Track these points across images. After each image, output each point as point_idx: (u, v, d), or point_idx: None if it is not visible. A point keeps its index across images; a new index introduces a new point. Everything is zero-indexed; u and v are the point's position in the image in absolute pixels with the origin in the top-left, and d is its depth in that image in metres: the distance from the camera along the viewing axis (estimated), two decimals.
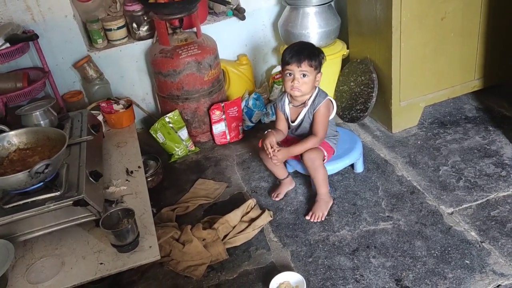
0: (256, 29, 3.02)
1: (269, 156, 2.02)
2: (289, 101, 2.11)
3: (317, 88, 2.05)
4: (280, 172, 2.23)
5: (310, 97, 2.04)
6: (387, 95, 2.50)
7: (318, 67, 1.99)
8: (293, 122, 2.13)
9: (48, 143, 1.82)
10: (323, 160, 2.07)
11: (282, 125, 2.16)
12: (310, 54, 1.96)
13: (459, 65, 2.53)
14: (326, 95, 2.06)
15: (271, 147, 2.00)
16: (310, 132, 2.08)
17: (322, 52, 2.03)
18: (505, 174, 2.12)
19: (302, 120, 2.09)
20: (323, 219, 2.04)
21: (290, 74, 1.98)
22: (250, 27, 2.99)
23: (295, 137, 2.16)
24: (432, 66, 2.47)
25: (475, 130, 2.47)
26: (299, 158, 2.08)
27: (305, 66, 1.94)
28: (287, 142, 2.17)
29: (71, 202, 1.64)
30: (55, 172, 1.71)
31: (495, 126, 2.47)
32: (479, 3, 2.38)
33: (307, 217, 2.06)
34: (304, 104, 2.06)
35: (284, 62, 1.99)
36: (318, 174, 2.05)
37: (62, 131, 1.84)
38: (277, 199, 2.21)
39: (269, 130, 2.11)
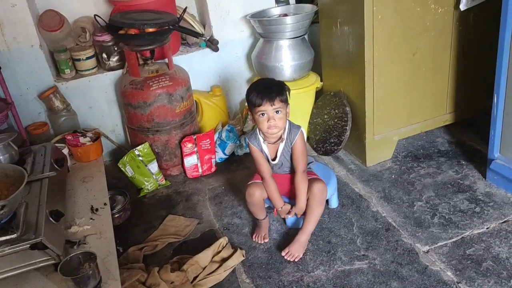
0: (229, 60, 3.00)
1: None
2: (263, 139, 2.03)
3: (287, 121, 2.01)
4: (262, 212, 2.12)
5: (284, 130, 2.00)
6: (361, 129, 2.48)
7: (287, 100, 1.95)
8: (273, 160, 2.05)
9: (6, 180, 1.70)
10: None
11: (266, 168, 2.03)
12: (279, 90, 1.91)
13: (431, 100, 2.55)
14: (298, 126, 2.03)
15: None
16: (291, 165, 2.05)
17: (285, 84, 1.99)
18: (479, 210, 2.11)
19: (282, 156, 2.03)
20: (297, 260, 1.97)
21: (263, 114, 1.90)
22: (223, 59, 2.96)
23: (278, 173, 2.10)
24: (404, 100, 2.48)
25: (448, 164, 2.47)
26: (290, 195, 2.07)
27: (277, 103, 1.88)
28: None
29: (29, 245, 1.53)
30: (12, 212, 1.60)
31: (467, 160, 2.48)
32: (449, 40, 2.42)
33: (283, 253, 1.99)
34: (280, 139, 2.00)
35: (254, 104, 1.90)
36: (320, 208, 2.00)
37: (21, 167, 1.73)
38: (265, 240, 2.10)
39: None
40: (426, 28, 2.33)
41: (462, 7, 2.29)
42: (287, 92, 1.96)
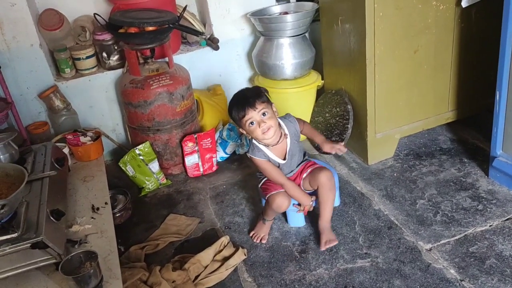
0: (230, 59, 2.99)
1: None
2: (265, 146, 1.97)
3: (278, 118, 1.99)
4: (274, 215, 2.11)
5: (281, 127, 1.98)
6: (363, 127, 2.47)
7: (269, 100, 1.93)
8: (284, 159, 2.02)
9: (6, 179, 1.69)
10: None
11: (279, 172, 2.00)
12: (255, 94, 1.89)
13: (433, 97, 2.54)
14: (287, 115, 2.06)
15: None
16: (300, 157, 2.10)
17: (260, 87, 1.96)
18: (481, 208, 2.10)
19: (291, 151, 2.02)
20: (336, 242, 1.99)
21: (252, 123, 1.87)
22: (224, 57, 2.95)
23: (294, 172, 2.09)
24: (406, 98, 2.47)
25: (450, 162, 2.46)
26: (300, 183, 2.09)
27: (259, 106, 1.86)
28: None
29: (29, 244, 1.52)
30: (13, 211, 1.59)
31: (469, 158, 2.47)
32: (451, 37, 2.41)
33: (323, 247, 1.97)
34: (283, 136, 1.99)
35: (240, 118, 1.88)
36: (332, 194, 2.01)
37: (21, 167, 1.72)
38: (263, 241, 2.08)
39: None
40: (428, 25, 2.32)
41: (464, 4, 2.28)
42: (265, 93, 1.93)
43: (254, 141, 1.97)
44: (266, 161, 1.98)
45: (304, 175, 2.08)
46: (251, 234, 2.12)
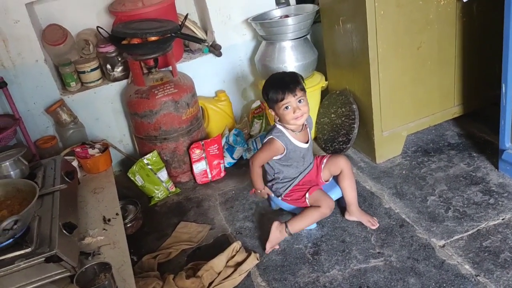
0: (233, 64, 3.00)
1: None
2: (291, 131, 2.04)
3: None
4: None
5: None
6: (369, 126, 2.47)
7: (304, 88, 2.00)
8: (306, 142, 2.09)
9: (18, 195, 1.71)
10: None
11: (267, 159, 2.10)
12: (294, 80, 1.97)
13: (438, 93, 2.53)
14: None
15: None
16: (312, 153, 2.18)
17: (297, 73, 2.05)
18: (493, 202, 2.08)
19: (310, 139, 2.11)
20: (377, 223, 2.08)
21: (287, 107, 1.94)
22: (227, 63, 2.96)
23: (308, 170, 2.16)
24: (411, 94, 2.46)
25: (459, 157, 2.45)
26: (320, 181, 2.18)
27: (298, 92, 1.94)
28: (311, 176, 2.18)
29: (43, 259, 1.53)
30: (25, 227, 1.60)
31: (478, 152, 2.45)
32: (453, 32, 2.40)
33: (374, 227, 2.06)
34: (305, 125, 2.09)
35: (276, 100, 1.94)
36: (353, 177, 2.14)
37: (32, 182, 1.74)
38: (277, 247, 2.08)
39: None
40: (430, 21, 2.32)
41: None
42: (303, 80, 2.01)
43: (279, 126, 2.04)
44: (281, 148, 2.02)
45: (323, 165, 2.17)
46: (268, 250, 2.04)
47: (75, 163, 2.31)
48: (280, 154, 2.05)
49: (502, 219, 1.98)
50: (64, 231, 1.67)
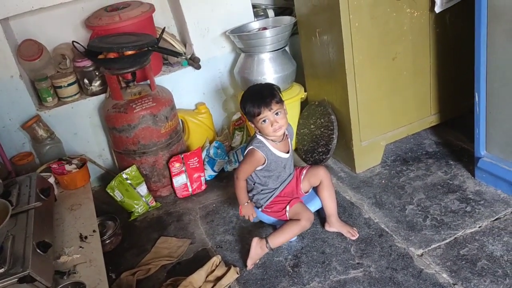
0: (213, 77, 3.00)
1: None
2: (272, 142, 2.04)
3: None
4: None
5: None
6: (348, 136, 2.49)
7: (281, 100, 2.00)
8: (287, 152, 2.09)
9: None
10: None
11: (249, 172, 2.09)
12: (271, 93, 1.96)
13: (414, 102, 2.56)
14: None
15: None
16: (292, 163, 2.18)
17: (274, 85, 2.05)
18: (470, 210, 2.10)
19: (291, 149, 2.12)
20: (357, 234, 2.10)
21: (264, 121, 1.95)
22: (206, 76, 2.96)
23: (288, 181, 2.15)
24: (388, 104, 2.49)
25: (436, 165, 2.47)
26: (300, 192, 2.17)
27: (274, 106, 1.93)
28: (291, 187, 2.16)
29: (16, 279, 1.50)
30: None
31: (455, 159, 2.48)
32: (428, 42, 2.44)
33: (354, 238, 2.08)
34: (286, 135, 2.09)
35: (253, 114, 1.94)
36: (333, 187, 2.15)
37: (5, 201, 1.71)
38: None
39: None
40: (404, 32, 2.35)
41: (437, 9, 2.31)
42: (279, 92, 2.01)
43: (259, 136, 2.04)
44: (261, 159, 2.02)
45: (302, 176, 2.16)
46: (250, 266, 2.03)
47: (51, 180, 2.28)
48: (261, 165, 2.04)
49: (479, 227, 2.00)
50: (38, 250, 1.65)
